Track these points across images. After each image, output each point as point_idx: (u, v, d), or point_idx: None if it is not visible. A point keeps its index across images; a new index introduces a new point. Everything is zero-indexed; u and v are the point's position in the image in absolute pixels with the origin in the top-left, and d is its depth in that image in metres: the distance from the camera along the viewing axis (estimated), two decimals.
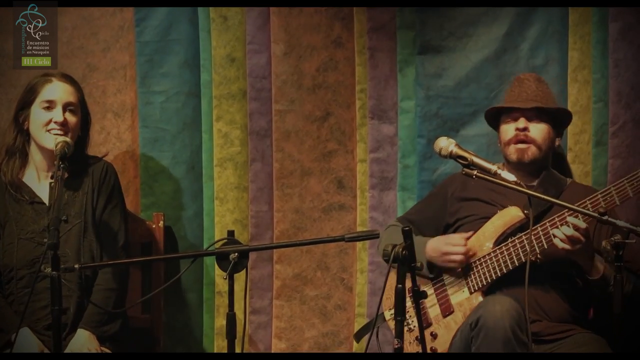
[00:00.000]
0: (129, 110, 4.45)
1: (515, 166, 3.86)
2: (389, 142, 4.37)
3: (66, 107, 3.86)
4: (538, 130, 3.85)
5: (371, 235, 3.29)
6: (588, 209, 3.53)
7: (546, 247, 3.65)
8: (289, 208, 4.41)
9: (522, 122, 3.83)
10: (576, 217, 3.58)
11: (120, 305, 3.82)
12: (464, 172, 3.40)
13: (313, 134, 4.40)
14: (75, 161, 3.84)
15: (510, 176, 3.35)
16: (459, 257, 3.77)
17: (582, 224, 3.56)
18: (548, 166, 3.93)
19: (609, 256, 3.13)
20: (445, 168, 4.27)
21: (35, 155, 3.91)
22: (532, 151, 3.85)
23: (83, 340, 3.72)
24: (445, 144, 3.46)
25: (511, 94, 3.92)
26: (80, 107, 3.93)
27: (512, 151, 3.86)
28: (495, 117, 3.97)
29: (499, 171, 3.35)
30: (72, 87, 3.91)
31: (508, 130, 3.88)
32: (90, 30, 4.42)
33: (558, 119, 3.92)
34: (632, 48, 4.13)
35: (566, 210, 3.58)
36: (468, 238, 3.80)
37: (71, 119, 3.86)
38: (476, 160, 3.40)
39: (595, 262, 3.65)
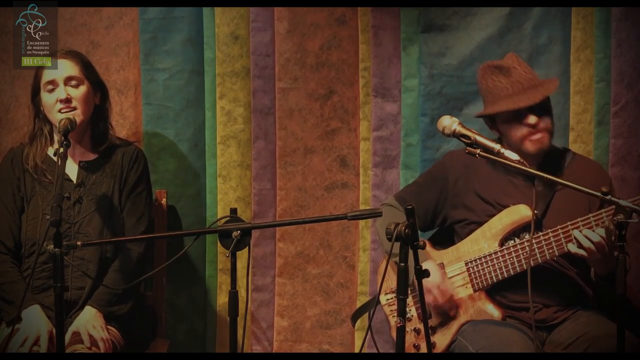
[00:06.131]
0: (132, 87, 4.44)
1: (532, 157, 3.76)
2: (392, 121, 4.37)
3: (67, 82, 3.86)
4: (546, 119, 3.76)
5: (374, 214, 3.30)
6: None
7: (567, 250, 3.63)
8: (292, 186, 4.42)
9: (533, 119, 3.72)
10: (598, 225, 3.57)
11: (129, 288, 3.81)
12: (467, 151, 3.40)
13: (316, 112, 4.40)
14: (101, 134, 3.95)
15: (513, 155, 3.35)
16: (434, 301, 3.73)
17: (596, 237, 3.52)
18: None
19: (612, 235, 3.15)
20: (448, 147, 4.27)
21: (57, 135, 3.91)
22: (547, 138, 3.76)
23: (88, 317, 3.73)
24: (449, 122, 3.46)
25: (504, 89, 3.76)
26: (86, 77, 3.91)
27: (530, 145, 3.73)
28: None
29: (502, 150, 3.35)
30: (70, 60, 3.89)
31: (518, 129, 3.74)
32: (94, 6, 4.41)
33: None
34: (635, 28, 4.14)
35: (591, 215, 3.60)
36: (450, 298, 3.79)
37: (75, 92, 3.85)
38: (479, 139, 3.39)
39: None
